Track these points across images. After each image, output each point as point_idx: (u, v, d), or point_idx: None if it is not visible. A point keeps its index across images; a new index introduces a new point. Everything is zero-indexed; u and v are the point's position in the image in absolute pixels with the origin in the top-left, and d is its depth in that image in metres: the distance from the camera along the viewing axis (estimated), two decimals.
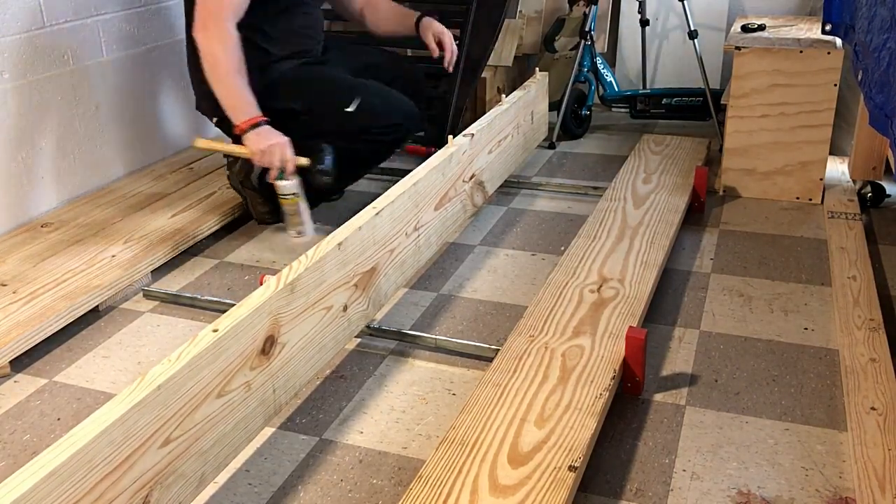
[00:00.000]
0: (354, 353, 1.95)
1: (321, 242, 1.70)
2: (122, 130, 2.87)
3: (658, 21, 3.62)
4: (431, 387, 1.82)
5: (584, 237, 2.31)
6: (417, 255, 2.11)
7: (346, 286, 1.75)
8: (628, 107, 3.48)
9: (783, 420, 1.67)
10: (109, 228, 2.48)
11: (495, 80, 3.46)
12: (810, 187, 2.72)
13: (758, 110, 2.69)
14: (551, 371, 1.69)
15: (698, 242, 2.47)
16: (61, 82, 2.61)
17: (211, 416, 1.36)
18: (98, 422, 1.16)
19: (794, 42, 2.59)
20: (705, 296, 2.17)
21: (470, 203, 2.43)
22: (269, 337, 1.50)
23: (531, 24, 3.61)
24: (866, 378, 1.72)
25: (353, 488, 1.53)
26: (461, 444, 1.48)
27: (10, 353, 1.89)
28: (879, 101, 1.73)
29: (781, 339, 1.96)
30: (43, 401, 1.81)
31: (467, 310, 2.14)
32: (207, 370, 1.34)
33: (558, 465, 1.42)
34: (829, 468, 1.54)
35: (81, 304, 2.08)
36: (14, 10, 2.44)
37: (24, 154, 2.51)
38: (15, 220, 2.51)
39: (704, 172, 2.65)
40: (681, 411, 1.71)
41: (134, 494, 1.22)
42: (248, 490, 1.53)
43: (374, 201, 1.92)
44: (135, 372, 1.91)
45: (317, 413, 1.74)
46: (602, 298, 1.98)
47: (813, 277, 2.24)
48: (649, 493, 1.49)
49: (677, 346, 1.95)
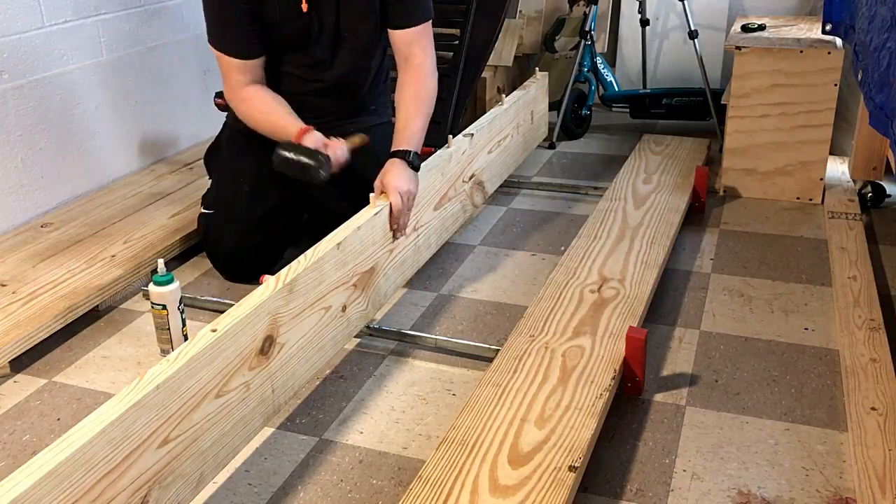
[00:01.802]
0: (354, 354, 1.95)
1: (320, 242, 1.70)
2: (121, 130, 2.87)
3: (658, 21, 3.62)
4: (431, 387, 1.82)
5: (584, 237, 2.31)
6: (417, 255, 2.11)
7: (345, 286, 1.75)
8: (628, 107, 3.47)
9: (783, 420, 1.67)
10: (109, 228, 2.48)
11: (495, 80, 3.46)
12: (811, 187, 2.71)
13: (758, 110, 2.68)
14: (551, 371, 1.69)
15: (699, 242, 2.47)
16: (61, 82, 2.61)
17: (210, 415, 1.36)
18: (97, 421, 1.16)
19: (795, 42, 2.59)
20: (705, 296, 2.16)
21: (470, 203, 2.43)
22: (268, 337, 1.50)
23: (531, 24, 3.61)
24: (866, 378, 1.72)
25: (353, 488, 1.52)
26: (461, 444, 1.48)
27: (9, 353, 1.88)
28: (879, 101, 1.73)
29: (782, 339, 1.96)
30: (42, 401, 1.81)
31: (467, 310, 2.14)
32: (206, 370, 1.34)
33: (558, 465, 1.42)
34: (829, 468, 1.53)
35: (81, 304, 2.07)
36: (14, 10, 2.44)
37: (24, 154, 2.51)
38: (15, 220, 2.50)
39: (705, 172, 2.65)
40: (681, 411, 1.71)
41: (133, 494, 1.21)
42: (247, 490, 1.53)
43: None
44: (134, 372, 1.91)
45: (317, 413, 1.74)
46: (602, 298, 1.98)
47: (813, 277, 2.24)
48: (649, 493, 1.49)
49: (677, 347, 1.94)
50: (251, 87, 2.15)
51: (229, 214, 2.28)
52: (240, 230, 2.25)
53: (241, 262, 2.29)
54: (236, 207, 2.27)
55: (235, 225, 2.26)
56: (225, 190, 2.33)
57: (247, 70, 2.13)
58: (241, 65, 2.12)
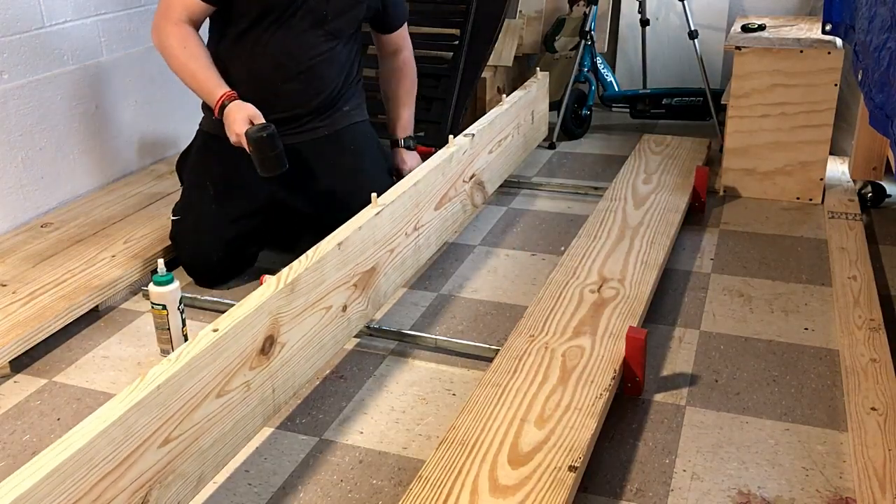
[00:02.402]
0: (354, 354, 1.95)
1: (321, 242, 1.70)
2: (121, 130, 2.87)
3: (658, 21, 3.62)
4: (431, 387, 1.82)
5: (584, 237, 2.31)
6: (417, 254, 2.11)
7: (345, 286, 1.75)
8: (628, 107, 3.47)
9: (783, 420, 1.67)
10: (109, 228, 2.48)
11: (495, 80, 3.46)
12: (811, 187, 2.72)
13: (758, 110, 2.68)
14: (551, 371, 1.69)
15: (699, 242, 2.47)
16: (61, 82, 2.61)
17: (210, 415, 1.36)
18: (97, 421, 1.16)
19: (795, 42, 2.59)
20: (705, 296, 2.16)
21: (470, 203, 2.43)
22: (269, 337, 1.50)
23: (531, 24, 3.61)
24: (867, 378, 1.72)
25: (353, 488, 1.52)
26: (461, 444, 1.48)
27: (10, 353, 1.88)
28: (879, 101, 1.73)
29: (782, 339, 1.96)
30: (43, 401, 1.81)
31: (467, 310, 2.14)
32: (207, 370, 1.34)
33: (558, 465, 1.42)
34: (829, 468, 1.54)
35: (81, 304, 2.07)
36: (14, 10, 2.44)
37: (24, 154, 2.51)
38: (15, 220, 2.50)
39: (705, 172, 2.65)
40: (681, 411, 1.71)
41: (133, 494, 1.22)
42: (247, 490, 1.53)
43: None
44: (134, 372, 1.91)
45: (317, 413, 1.74)
46: (602, 298, 1.98)
47: (813, 277, 2.24)
48: (649, 493, 1.49)
49: (677, 347, 1.94)
50: (188, 26, 2.14)
51: (195, 220, 2.26)
52: (206, 235, 2.23)
53: (210, 267, 2.26)
54: (203, 213, 2.25)
55: (202, 230, 2.24)
56: (191, 195, 2.31)
57: (191, 7, 2.13)
58: (189, 2, 2.12)
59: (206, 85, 2.12)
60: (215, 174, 2.27)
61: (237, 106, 2.08)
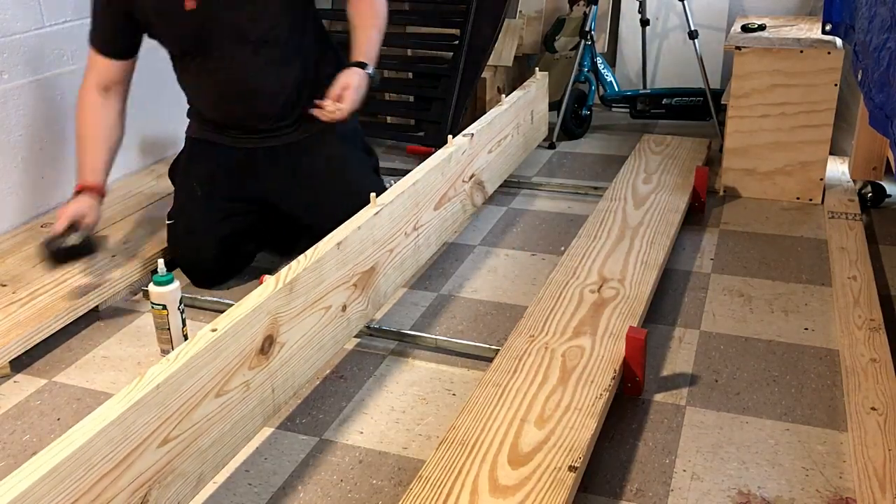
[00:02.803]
0: (354, 354, 1.95)
1: (320, 242, 1.70)
2: None
3: (658, 21, 3.62)
4: (431, 387, 1.82)
5: (584, 237, 2.31)
6: (417, 254, 2.11)
7: (345, 286, 1.75)
8: (628, 107, 3.47)
9: (783, 420, 1.67)
10: (109, 228, 2.48)
11: (495, 80, 3.47)
12: (810, 187, 2.71)
13: (758, 110, 2.68)
14: (551, 371, 1.69)
15: (698, 242, 2.47)
16: (61, 82, 2.61)
17: (209, 415, 1.36)
18: (97, 421, 1.16)
19: (795, 42, 2.59)
20: (705, 296, 2.16)
21: (470, 203, 2.43)
22: (268, 336, 1.50)
23: (531, 24, 3.61)
24: (867, 378, 1.72)
25: (353, 488, 1.52)
26: (461, 444, 1.48)
27: (10, 353, 1.88)
28: (879, 101, 1.73)
29: (782, 339, 1.96)
30: (43, 401, 1.81)
31: (467, 310, 2.14)
32: (206, 370, 1.34)
33: (558, 465, 1.42)
34: (829, 468, 1.53)
35: (81, 304, 2.07)
36: (14, 10, 2.44)
37: (24, 154, 2.51)
38: (15, 220, 2.50)
39: (705, 172, 2.65)
40: (681, 411, 1.71)
41: (132, 493, 1.22)
42: (247, 490, 1.53)
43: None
44: (134, 372, 1.91)
45: (316, 413, 1.74)
46: (602, 298, 1.98)
47: (813, 277, 2.24)
48: (649, 493, 1.49)
49: (677, 347, 1.94)
50: (99, 94, 2.13)
51: (187, 221, 2.27)
52: (199, 234, 2.24)
53: (206, 266, 2.26)
54: (193, 213, 2.26)
55: (194, 230, 2.25)
56: (181, 199, 2.32)
57: (102, 71, 2.12)
58: (99, 62, 2.11)
59: (79, 165, 2.13)
60: (202, 175, 2.29)
61: (76, 201, 2.04)
